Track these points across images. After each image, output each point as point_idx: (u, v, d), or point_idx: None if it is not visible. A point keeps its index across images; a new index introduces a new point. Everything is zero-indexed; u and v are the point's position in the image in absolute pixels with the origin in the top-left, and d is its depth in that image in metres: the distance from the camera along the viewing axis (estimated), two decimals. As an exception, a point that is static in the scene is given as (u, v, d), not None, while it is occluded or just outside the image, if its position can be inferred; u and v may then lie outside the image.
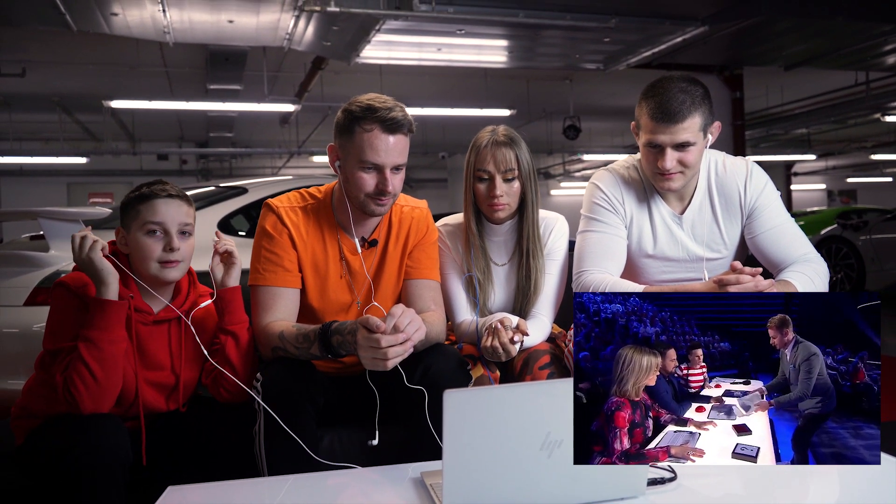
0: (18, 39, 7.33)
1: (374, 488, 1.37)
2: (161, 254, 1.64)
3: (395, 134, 1.69)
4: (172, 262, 1.65)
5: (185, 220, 1.67)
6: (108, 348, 1.54)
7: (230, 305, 1.74)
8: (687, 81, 1.83)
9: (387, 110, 1.67)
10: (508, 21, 6.09)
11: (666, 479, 1.27)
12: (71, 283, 1.61)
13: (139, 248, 1.64)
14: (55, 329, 1.60)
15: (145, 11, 5.83)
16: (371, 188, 1.72)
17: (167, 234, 1.65)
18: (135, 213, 1.65)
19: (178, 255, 1.65)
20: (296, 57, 7.89)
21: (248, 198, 3.85)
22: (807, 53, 8.09)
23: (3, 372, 2.94)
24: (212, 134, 13.30)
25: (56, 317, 1.61)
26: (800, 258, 1.89)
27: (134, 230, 1.65)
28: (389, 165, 1.70)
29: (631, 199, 1.98)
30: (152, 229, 1.64)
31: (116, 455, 1.46)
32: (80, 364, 1.52)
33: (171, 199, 1.66)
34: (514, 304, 2.05)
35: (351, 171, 1.72)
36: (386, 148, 1.69)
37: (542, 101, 10.96)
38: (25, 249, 3.25)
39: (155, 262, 1.64)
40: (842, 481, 1.33)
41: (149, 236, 1.64)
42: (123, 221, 1.67)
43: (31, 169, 13.87)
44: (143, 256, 1.64)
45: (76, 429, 1.48)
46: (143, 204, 1.64)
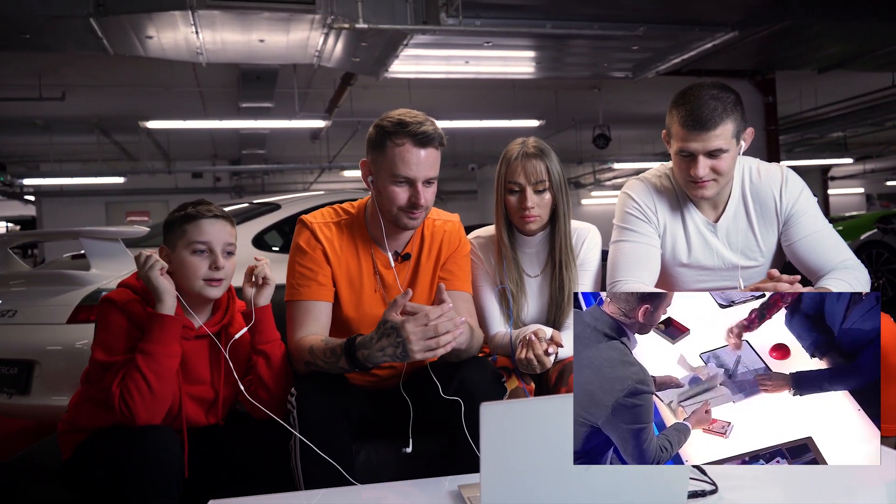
0: (58, 64, 7.55)
1: (412, 501, 1.38)
2: (207, 272, 1.68)
3: (427, 147, 1.71)
4: (217, 281, 1.69)
5: (229, 239, 1.72)
6: (164, 361, 1.59)
7: (261, 325, 1.76)
8: (718, 88, 1.81)
9: (417, 124, 1.69)
10: (535, 32, 6.10)
11: (707, 491, 1.25)
12: (117, 299, 1.66)
13: (185, 267, 1.68)
14: (107, 343, 1.64)
15: (179, 34, 5.96)
16: (403, 202, 1.73)
17: (212, 253, 1.69)
18: (181, 232, 1.69)
19: (223, 273, 1.70)
20: (325, 73, 7.98)
21: (281, 213, 3.91)
22: (840, 56, 7.96)
23: (48, 388, 3.01)
24: (244, 151, 13.51)
25: (106, 331, 1.65)
26: (839, 265, 1.86)
27: (179, 248, 1.69)
28: (421, 179, 1.72)
29: (664, 208, 1.97)
30: (199, 248, 1.68)
31: (171, 465, 1.49)
32: (137, 375, 1.57)
33: (217, 220, 1.70)
34: (548, 316, 2.04)
35: (383, 186, 1.74)
36: (417, 161, 1.70)
37: (570, 111, 10.93)
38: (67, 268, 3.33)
39: (200, 281, 1.68)
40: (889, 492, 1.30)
41: (195, 255, 1.68)
42: (168, 239, 1.72)
43: (70, 189, 14.21)
44: (189, 275, 1.68)
45: (130, 439, 1.52)
46: (189, 224, 1.68)
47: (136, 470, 1.46)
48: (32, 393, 3.03)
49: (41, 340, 3.04)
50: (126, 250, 3.20)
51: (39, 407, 3.02)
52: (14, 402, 3.05)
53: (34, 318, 3.10)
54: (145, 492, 1.46)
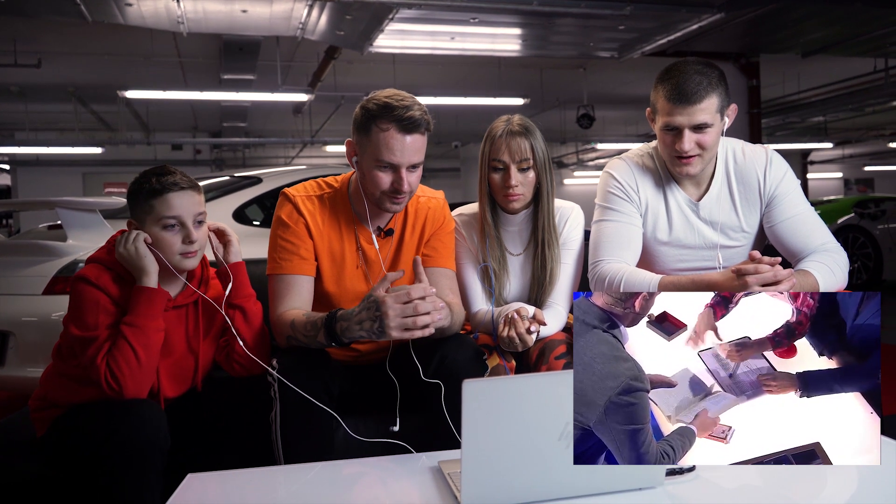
0: (34, 30, 7.37)
1: (392, 477, 1.38)
2: (181, 246, 1.66)
3: (412, 133, 1.68)
4: (192, 253, 1.67)
5: (198, 209, 1.68)
6: (152, 335, 1.59)
7: (235, 280, 1.76)
8: (702, 64, 1.83)
9: (404, 108, 1.66)
10: (522, 9, 6.05)
11: (684, 469, 1.26)
12: (89, 275, 1.63)
13: (158, 242, 1.65)
14: (83, 319, 1.61)
15: (159, 2, 5.84)
16: (387, 186, 1.71)
17: (184, 226, 1.66)
18: (148, 208, 1.64)
19: (197, 245, 1.67)
20: (309, 46, 7.88)
21: (262, 187, 3.87)
22: (824, 40, 7.98)
23: (22, 360, 2.98)
24: (225, 124, 13.33)
25: (81, 308, 1.62)
26: (819, 248, 1.87)
27: (149, 224, 1.65)
28: (405, 165, 1.70)
29: (646, 187, 1.97)
30: (170, 223, 1.64)
31: (157, 439, 1.49)
32: (126, 348, 1.56)
33: (184, 192, 1.66)
34: (530, 294, 2.04)
35: (367, 169, 1.72)
36: (402, 148, 1.68)
37: (555, 90, 10.89)
38: (43, 239, 3.28)
39: (176, 256, 1.66)
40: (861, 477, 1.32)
41: (166, 231, 1.65)
42: (135, 214, 1.68)
43: (46, 159, 13.96)
44: (164, 249, 1.65)
45: (115, 414, 1.51)
46: (155, 199, 1.64)
47: (122, 443, 1.45)
48: (7, 364, 3.00)
49: (16, 311, 3.01)
50: (104, 221, 3.15)
51: (14, 378, 3.00)
52: (-12, 374, 3.02)
53: (9, 289, 3.06)
54: (132, 465, 1.45)
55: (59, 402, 1.67)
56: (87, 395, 1.63)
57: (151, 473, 1.47)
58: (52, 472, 1.62)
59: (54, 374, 1.71)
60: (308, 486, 1.32)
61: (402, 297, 1.45)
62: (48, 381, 1.71)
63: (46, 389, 1.70)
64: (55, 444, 1.63)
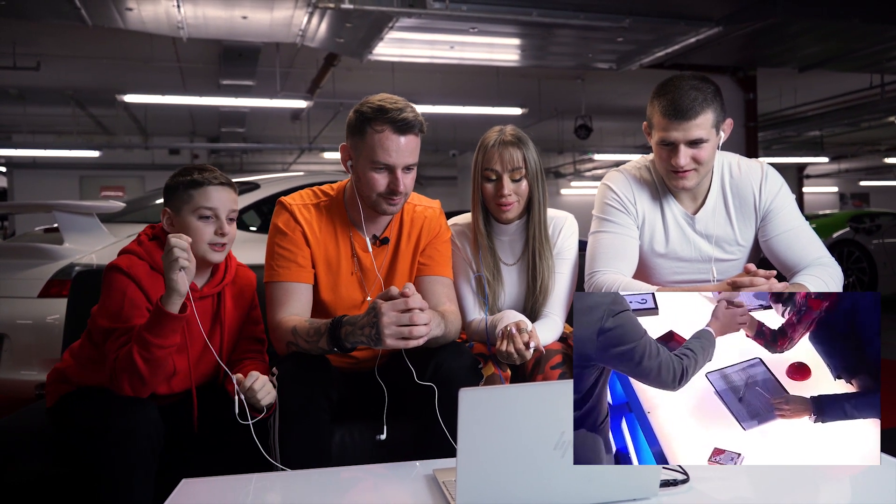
0: (33, 33, 7.37)
1: (388, 485, 1.38)
2: (212, 237, 1.72)
3: (406, 134, 1.71)
4: (221, 246, 1.73)
5: (233, 206, 1.76)
6: (158, 353, 1.59)
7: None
8: (698, 79, 1.85)
9: (398, 111, 1.69)
10: (522, 20, 6.08)
11: (679, 480, 1.27)
12: (122, 265, 1.68)
13: (191, 231, 1.70)
14: (112, 310, 1.66)
15: (160, 6, 5.85)
16: (383, 188, 1.73)
17: (218, 219, 1.73)
18: (187, 197, 1.71)
19: (227, 238, 1.74)
20: (308, 53, 7.89)
21: (260, 193, 3.88)
22: (821, 55, 8.03)
23: (16, 363, 2.97)
24: (223, 129, 13.33)
25: (110, 298, 1.67)
26: (814, 262, 1.88)
27: (185, 213, 1.72)
28: (401, 166, 1.72)
29: (643, 200, 1.98)
30: (206, 214, 1.72)
31: (150, 441, 1.50)
32: (130, 363, 1.58)
33: (223, 187, 1.74)
34: (525, 304, 2.05)
35: (363, 171, 1.74)
36: (397, 148, 1.70)
37: (553, 100, 10.93)
38: (40, 242, 3.28)
39: (205, 245, 1.72)
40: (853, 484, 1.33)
41: (202, 221, 1.72)
42: (172, 203, 1.74)
43: (43, 162, 13.92)
44: (195, 239, 1.69)
45: (112, 410, 1.53)
46: (195, 189, 1.71)
47: (115, 440, 1.48)
48: (1, 366, 2.99)
49: (11, 314, 3.00)
50: (101, 225, 3.15)
51: (7, 381, 2.99)
52: (-18, 376, 3.01)
53: (5, 292, 3.05)
54: (123, 463, 1.47)
55: (72, 379, 1.75)
56: (99, 378, 1.68)
57: (142, 473, 1.48)
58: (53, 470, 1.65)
59: (75, 353, 1.78)
60: (303, 493, 1.32)
61: (399, 306, 1.47)
62: (70, 357, 1.78)
63: (66, 364, 1.77)
64: (58, 417, 1.70)
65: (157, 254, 1.70)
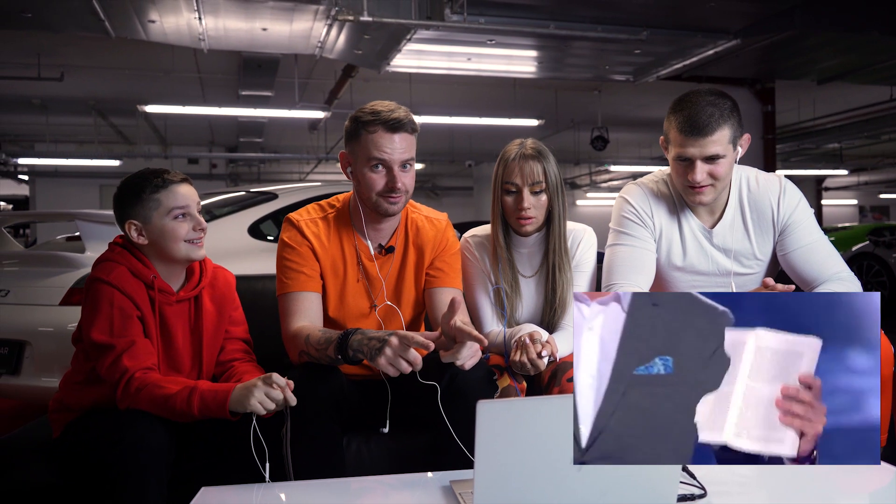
0: (58, 45, 7.50)
1: (403, 496, 1.39)
2: (190, 233, 1.73)
3: (399, 132, 1.77)
4: (200, 240, 1.75)
5: (198, 199, 1.78)
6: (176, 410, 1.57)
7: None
8: (715, 95, 1.84)
9: (388, 112, 1.76)
10: (539, 32, 6.11)
11: (696, 495, 1.27)
12: (102, 275, 1.66)
13: (168, 233, 1.70)
14: (100, 322, 1.63)
15: (182, 19, 5.94)
16: (381, 186, 1.78)
17: (191, 214, 1.73)
18: (155, 203, 1.70)
19: (204, 231, 1.75)
20: (326, 65, 7.97)
21: (278, 203, 3.90)
22: (840, 68, 7.99)
23: (38, 369, 3.00)
24: (242, 139, 13.47)
25: (97, 309, 1.64)
26: (832, 276, 1.87)
27: (157, 219, 1.70)
28: (397, 161, 1.77)
29: (660, 213, 1.98)
30: (179, 213, 1.71)
31: (160, 451, 1.50)
32: (137, 398, 1.58)
33: (184, 184, 1.76)
34: (543, 317, 2.05)
35: (361, 173, 1.79)
36: (391, 145, 1.76)
37: (570, 112, 10.94)
38: (62, 250, 3.32)
39: (183, 243, 1.72)
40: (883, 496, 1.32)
41: (176, 221, 1.71)
42: (137, 213, 1.71)
43: (65, 171, 14.13)
44: (175, 238, 1.71)
45: (121, 424, 1.52)
46: (161, 192, 1.71)
47: (126, 451, 1.47)
48: (23, 373, 3.03)
49: (33, 321, 3.04)
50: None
51: (29, 388, 3.02)
52: (4, 382, 3.05)
53: (27, 299, 3.10)
54: (134, 473, 1.46)
55: (73, 406, 1.73)
56: (97, 394, 1.67)
57: (154, 482, 1.47)
58: (63, 481, 1.64)
59: (70, 379, 1.76)
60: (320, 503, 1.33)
61: (407, 340, 1.51)
62: (65, 385, 1.77)
63: (63, 393, 1.76)
64: (67, 446, 1.67)
65: (132, 259, 1.70)
